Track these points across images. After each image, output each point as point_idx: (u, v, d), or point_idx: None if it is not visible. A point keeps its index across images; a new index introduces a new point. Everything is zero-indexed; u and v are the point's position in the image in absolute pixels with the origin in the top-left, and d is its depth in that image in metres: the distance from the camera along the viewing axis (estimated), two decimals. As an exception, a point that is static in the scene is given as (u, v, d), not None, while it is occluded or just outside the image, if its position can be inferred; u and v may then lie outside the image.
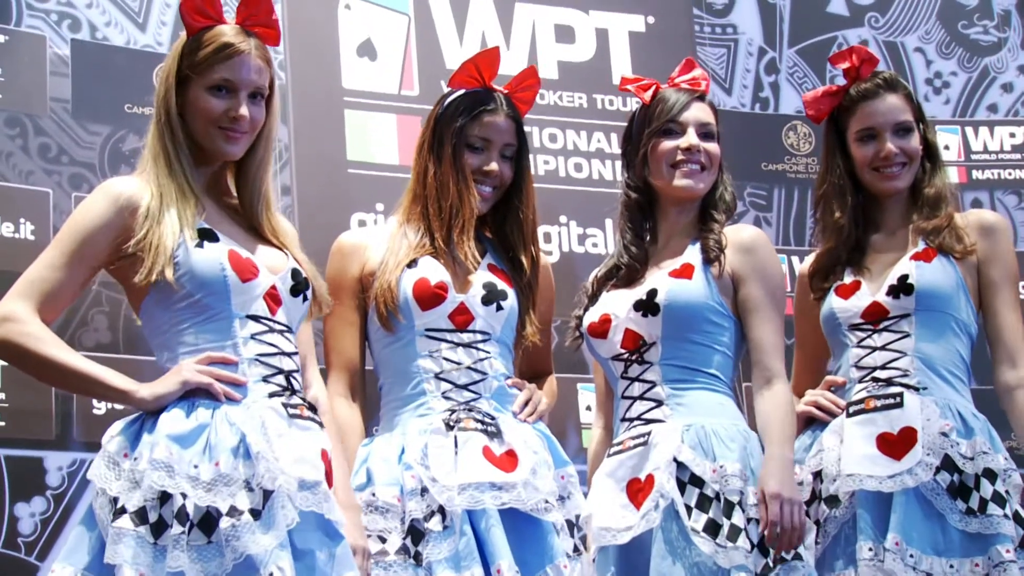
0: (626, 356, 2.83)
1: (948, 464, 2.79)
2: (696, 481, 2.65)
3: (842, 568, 2.83)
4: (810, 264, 3.13)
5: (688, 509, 2.62)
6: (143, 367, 3.26)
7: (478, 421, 2.70)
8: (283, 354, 2.53)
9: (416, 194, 2.90)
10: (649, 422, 2.77)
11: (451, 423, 2.69)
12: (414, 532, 2.59)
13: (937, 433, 2.81)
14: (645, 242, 2.94)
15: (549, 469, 2.72)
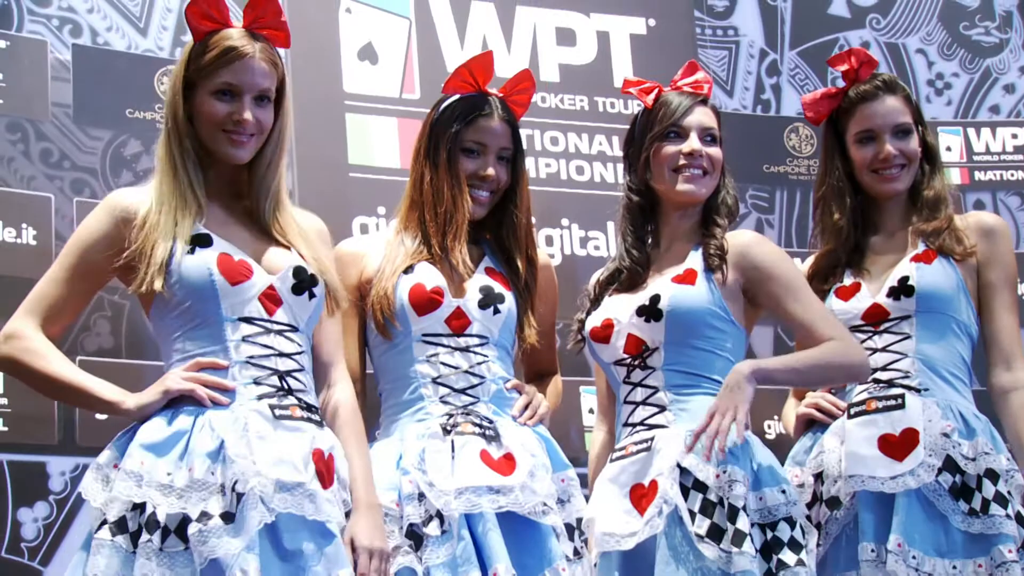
0: (628, 361, 2.83)
1: (950, 465, 2.79)
2: (699, 486, 2.64)
3: (844, 570, 2.83)
4: (809, 266, 3.12)
5: (692, 514, 2.62)
6: (145, 372, 3.26)
7: (476, 425, 2.70)
8: (280, 355, 2.52)
9: (413, 200, 2.90)
10: (652, 427, 2.77)
11: (448, 427, 2.69)
12: (413, 537, 2.58)
13: (939, 434, 2.81)
14: (647, 246, 2.94)
15: (547, 472, 2.72)
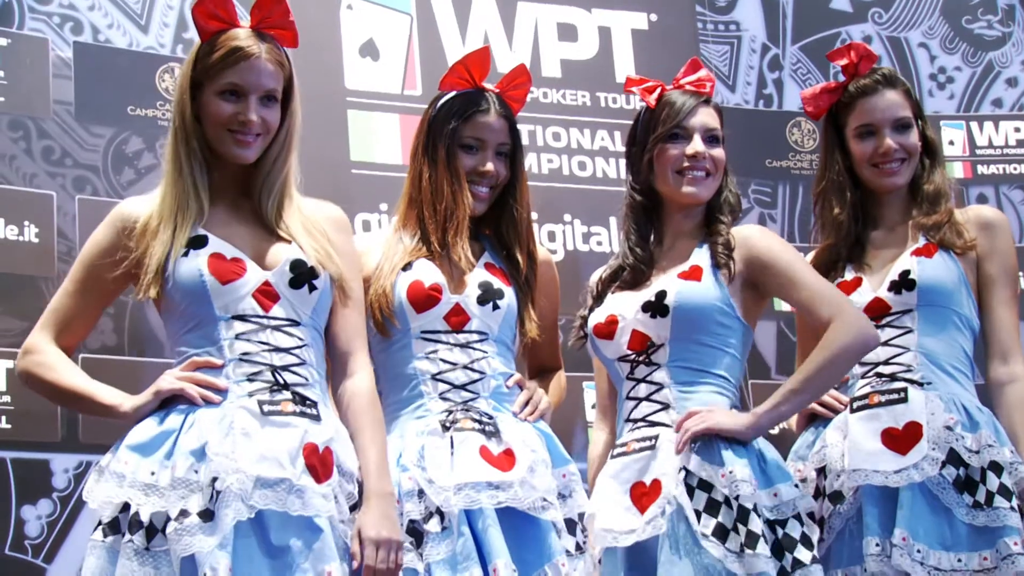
0: (633, 357, 2.82)
1: (954, 458, 2.79)
2: (705, 486, 2.63)
3: (847, 564, 2.82)
4: (810, 261, 3.11)
5: (697, 514, 2.61)
6: (148, 369, 3.27)
7: (475, 421, 2.69)
8: (276, 350, 2.51)
9: (411, 198, 2.89)
10: (655, 425, 2.76)
11: (447, 424, 2.68)
12: (414, 534, 2.57)
13: (942, 427, 2.81)
14: (650, 244, 2.93)
15: (547, 467, 2.71)
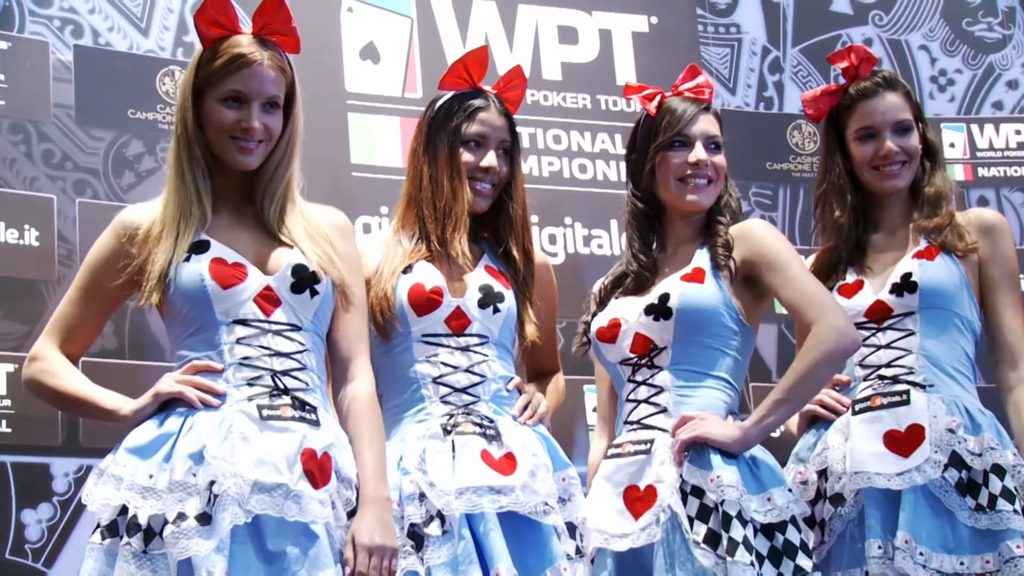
0: (635, 360, 2.82)
1: (956, 461, 2.78)
2: (697, 491, 2.63)
3: (848, 567, 2.82)
4: (811, 264, 3.11)
5: (690, 520, 2.61)
6: (149, 373, 3.26)
7: (476, 424, 2.69)
8: (276, 355, 2.52)
9: (411, 198, 2.89)
10: (650, 428, 2.76)
11: (449, 427, 2.68)
12: (415, 537, 2.57)
13: (944, 430, 2.81)
14: (653, 251, 2.93)
15: (548, 472, 2.71)
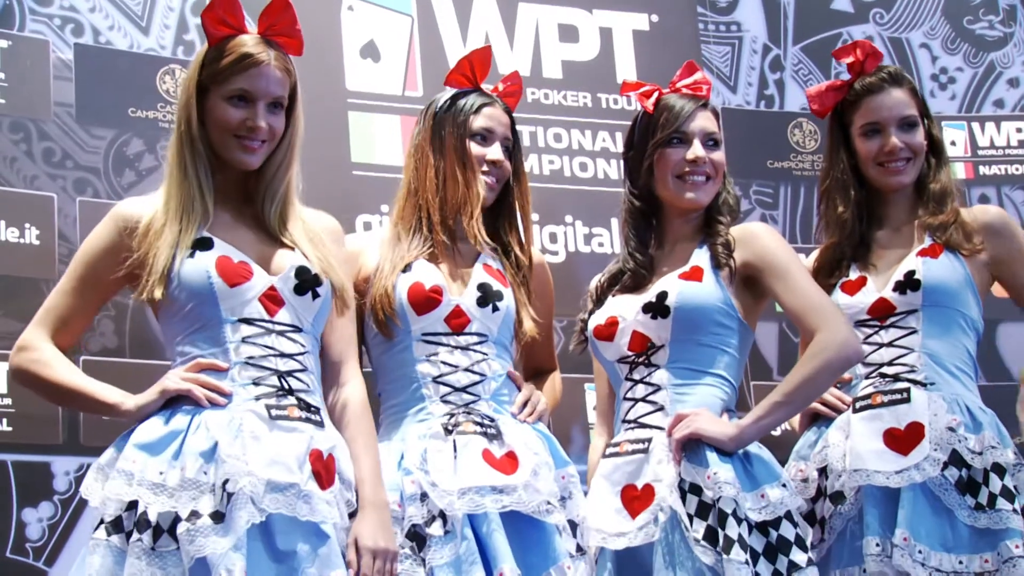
0: (632, 358, 2.81)
1: (956, 459, 2.78)
2: (695, 489, 2.63)
3: (847, 565, 2.82)
4: (815, 260, 3.11)
5: (690, 518, 2.61)
6: (150, 371, 3.25)
7: (477, 424, 2.69)
8: (280, 355, 2.52)
9: (411, 190, 2.89)
10: (648, 427, 2.76)
11: (450, 427, 2.68)
12: (416, 537, 2.57)
13: (944, 428, 2.80)
14: (650, 248, 2.93)
15: (550, 470, 2.71)
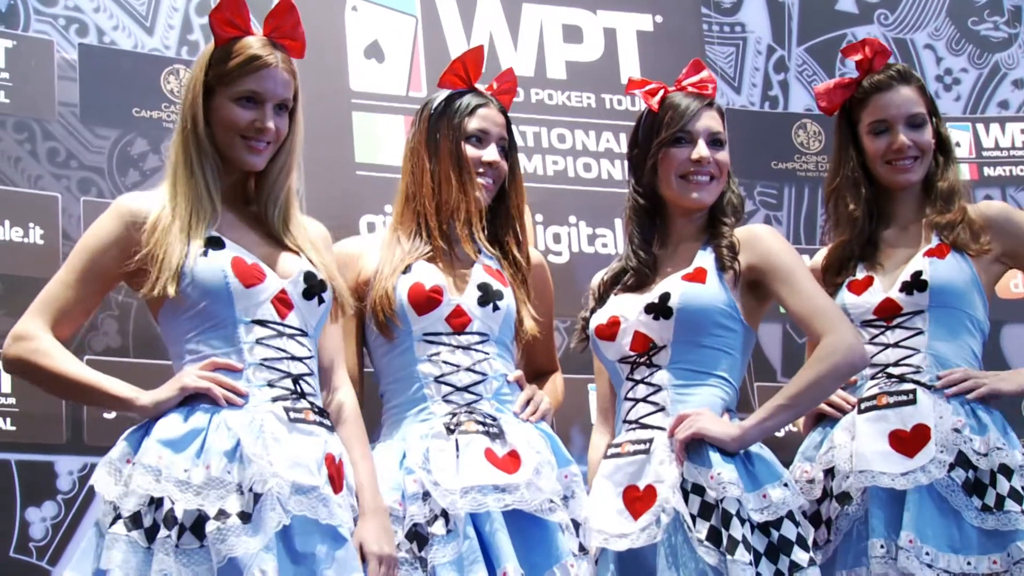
0: (634, 358, 2.81)
1: (962, 461, 2.78)
2: (697, 489, 2.63)
3: (853, 566, 2.82)
4: (823, 258, 3.11)
5: (693, 518, 2.60)
6: (154, 371, 3.25)
7: (479, 423, 2.69)
8: (292, 358, 2.53)
9: (409, 195, 2.89)
10: (650, 428, 2.76)
11: (452, 426, 2.68)
12: (418, 537, 2.58)
13: (950, 430, 2.80)
14: (653, 247, 2.92)
15: (552, 469, 2.71)
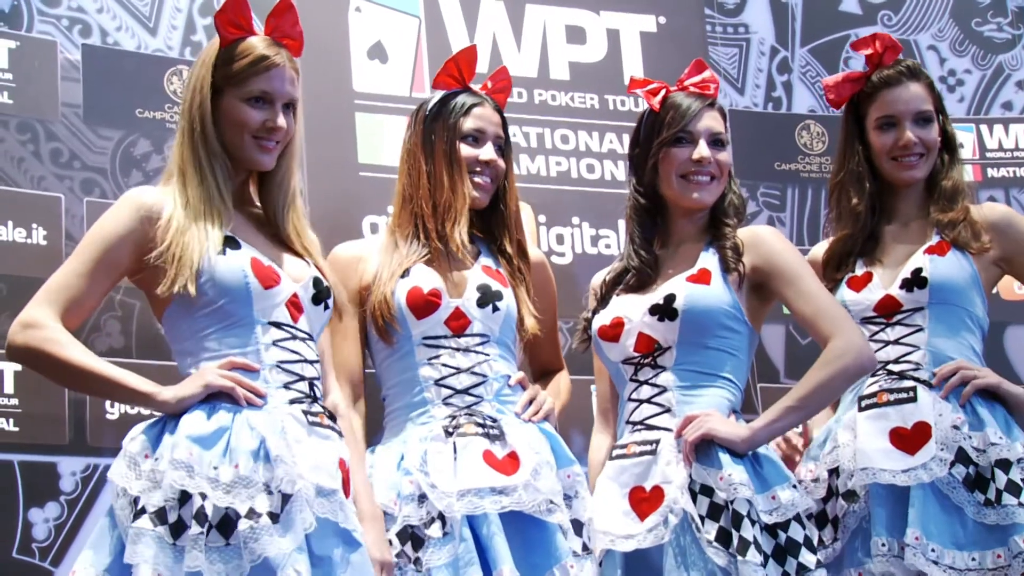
0: (638, 360, 2.81)
1: (962, 457, 2.78)
2: (706, 490, 2.63)
3: (861, 562, 2.82)
4: (824, 251, 3.11)
5: (701, 519, 2.60)
6: (157, 372, 3.25)
7: (479, 425, 2.70)
8: (305, 361, 2.55)
9: (406, 197, 2.90)
10: (656, 428, 2.75)
11: (451, 429, 2.68)
12: (414, 539, 2.59)
13: (949, 427, 2.80)
14: (655, 247, 2.92)
15: (552, 469, 2.71)
